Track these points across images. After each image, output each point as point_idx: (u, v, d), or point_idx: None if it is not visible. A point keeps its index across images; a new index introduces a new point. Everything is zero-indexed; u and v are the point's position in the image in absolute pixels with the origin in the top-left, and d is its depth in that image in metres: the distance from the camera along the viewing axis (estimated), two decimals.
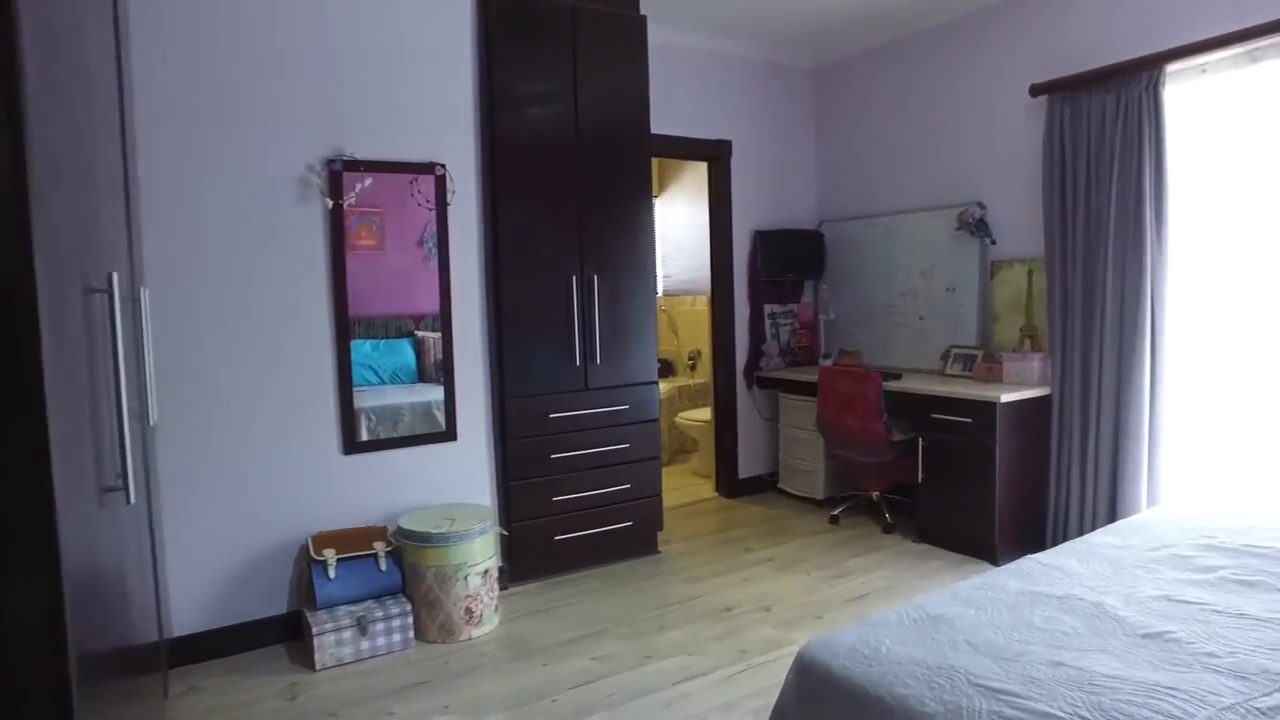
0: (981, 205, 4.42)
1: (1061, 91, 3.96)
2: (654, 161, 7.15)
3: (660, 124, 4.47)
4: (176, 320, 3.04)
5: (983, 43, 4.43)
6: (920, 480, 4.23)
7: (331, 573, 3.13)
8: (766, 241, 5.24)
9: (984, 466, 3.91)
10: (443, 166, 3.56)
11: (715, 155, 5.12)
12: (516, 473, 3.78)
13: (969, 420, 3.96)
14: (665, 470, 6.15)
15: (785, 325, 5.48)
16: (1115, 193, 3.75)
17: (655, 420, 4.20)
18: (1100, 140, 3.81)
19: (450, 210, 3.60)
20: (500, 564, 3.67)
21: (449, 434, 3.65)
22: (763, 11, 4.51)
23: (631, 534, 4.12)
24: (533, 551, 3.85)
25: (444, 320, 3.61)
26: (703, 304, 6.61)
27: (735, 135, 5.15)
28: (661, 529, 4.28)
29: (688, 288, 6.90)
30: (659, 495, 4.23)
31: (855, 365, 5.05)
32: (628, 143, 4.02)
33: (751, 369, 5.33)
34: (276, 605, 3.31)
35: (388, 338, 3.52)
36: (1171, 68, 3.61)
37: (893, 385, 4.34)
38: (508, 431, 3.74)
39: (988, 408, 3.87)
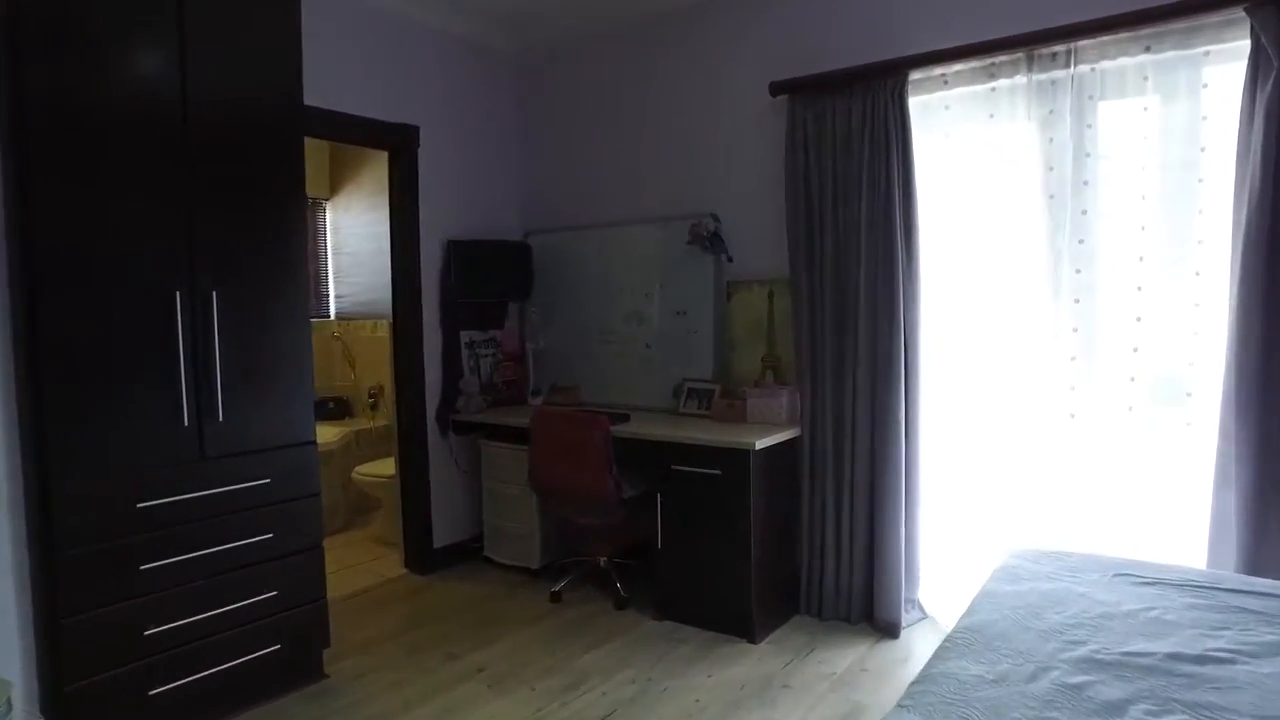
0: (716, 217, 3.76)
1: (804, 92, 3.40)
2: (327, 156, 5.78)
3: (321, 96, 3.26)
4: None
5: (715, 33, 3.77)
6: (660, 545, 3.42)
7: None
8: (463, 254, 4.16)
9: (736, 525, 3.19)
10: None
11: (398, 143, 3.95)
12: (73, 604, 2.28)
13: (717, 472, 3.22)
14: (341, 539, 4.78)
15: (487, 356, 4.44)
16: (865, 207, 3.25)
17: (315, 495, 2.91)
18: (847, 148, 3.30)
19: None
20: None
21: None
22: None
23: (281, 661, 2.79)
24: None
25: None
26: (385, 329, 5.34)
27: (424, 121, 4.02)
28: (328, 645, 3.00)
29: (366, 310, 5.57)
30: (322, 598, 2.94)
31: (573, 404, 4.16)
32: (269, 114, 2.73)
33: (446, 411, 4.20)
34: None
35: None
36: (915, 75, 3.19)
37: (623, 430, 3.50)
38: (56, 538, 2.24)
39: (739, 456, 3.16)
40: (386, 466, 4.44)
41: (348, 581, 3.98)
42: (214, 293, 2.56)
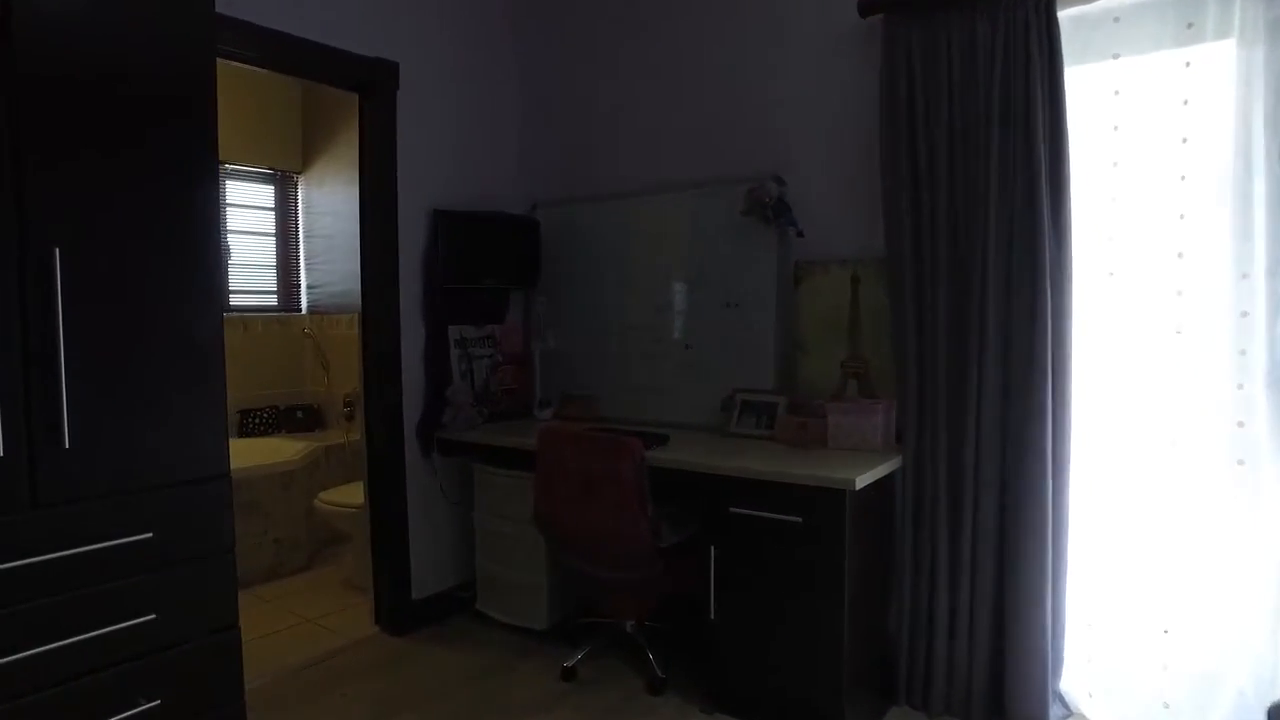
0: (780, 180, 2.81)
1: (907, 10, 2.46)
2: (299, 123, 4.82)
3: (262, 11, 2.37)
4: None
5: None
6: (714, 614, 2.47)
7: None
8: (453, 228, 3.21)
9: (823, 589, 2.24)
10: None
11: (371, 83, 3.00)
12: None
13: (797, 519, 2.27)
14: (301, 583, 3.76)
15: (482, 358, 3.48)
16: (997, 164, 2.32)
17: (226, 553, 1.94)
18: (970, 85, 2.36)
19: None
20: None
21: None
22: None
23: None
24: None
25: None
26: None
27: (405, 56, 3.08)
28: None
29: (343, 302, 4.64)
30: (237, 702, 1.98)
31: (591, 420, 3.22)
32: (155, 23, 1.77)
33: (430, 426, 3.23)
34: None
35: None
36: None
37: (662, 457, 2.55)
38: None
39: (831, 498, 2.21)
40: (356, 493, 3.48)
41: (302, 644, 3.02)
42: (55, 251, 1.60)
